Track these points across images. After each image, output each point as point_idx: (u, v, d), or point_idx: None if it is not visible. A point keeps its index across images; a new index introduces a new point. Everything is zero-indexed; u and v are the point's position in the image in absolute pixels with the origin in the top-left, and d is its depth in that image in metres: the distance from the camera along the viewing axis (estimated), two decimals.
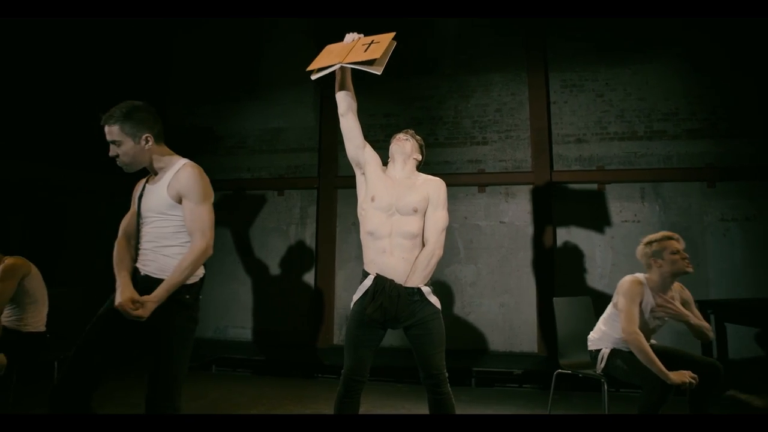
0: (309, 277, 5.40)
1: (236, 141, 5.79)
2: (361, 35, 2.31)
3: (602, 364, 2.57)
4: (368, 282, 2.21)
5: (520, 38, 5.25)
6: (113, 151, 1.97)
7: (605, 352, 2.56)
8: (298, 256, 5.48)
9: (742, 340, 4.36)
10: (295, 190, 5.58)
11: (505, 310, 4.98)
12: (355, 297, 2.25)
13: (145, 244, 1.99)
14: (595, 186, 4.95)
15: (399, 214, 2.24)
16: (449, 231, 5.17)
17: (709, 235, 4.66)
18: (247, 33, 5.90)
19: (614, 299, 2.62)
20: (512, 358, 4.73)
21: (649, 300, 2.55)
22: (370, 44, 2.23)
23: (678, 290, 2.64)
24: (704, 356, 2.81)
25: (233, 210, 5.61)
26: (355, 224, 5.34)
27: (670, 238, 2.54)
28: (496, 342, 4.96)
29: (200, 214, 1.95)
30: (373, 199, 2.27)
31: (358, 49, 2.23)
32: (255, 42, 5.89)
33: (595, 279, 4.84)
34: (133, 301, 1.79)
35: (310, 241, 5.47)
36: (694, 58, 4.86)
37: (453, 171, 5.17)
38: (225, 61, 5.91)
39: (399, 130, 2.49)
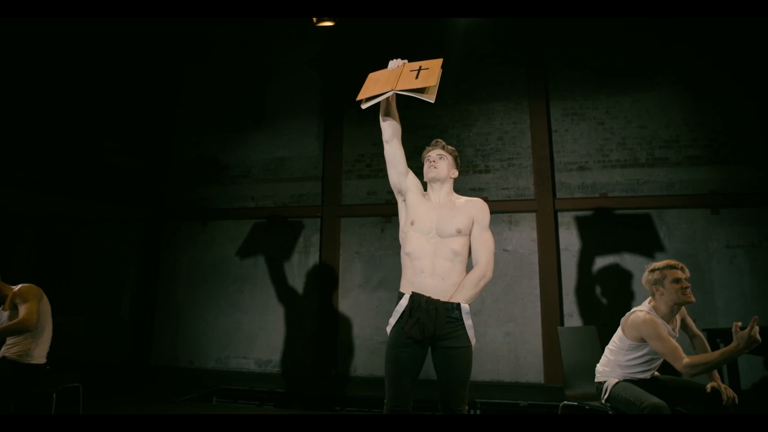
0: (312, 306, 5.35)
1: (241, 170, 5.84)
2: (406, 60, 2.25)
3: (606, 395, 2.51)
4: (404, 302, 2.16)
5: (522, 68, 5.33)
6: None
7: (610, 382, 2.51)
8: (301, 285, 5.45)
9: (753, 370, 4.26)
10: (299, 219, 5.60)
11: (510, 339, 4.91)
12: (392, 321, 2.20)
13: None
14: (598, 213, 4.94)
15: (439, 237, 2.22)
16: None
17: (716, 262, 4.61)
18: (253, 65, 6.03)
19: (622, 332, 2.57)
20: (519, 389, 4.63)
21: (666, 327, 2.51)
22: (419, 70, 2.14)
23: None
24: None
25: (236, 238, 5.62)
26: (358, 253, 5.36)
27: (673, 267, 2.49)
28: (502, 372, 4.87)
29: None
30: (413, 223, 2.27)
31: (407, 76, 2.13)
32: (260, 74, 6.01)
33: (601, 307, 4.77)
34: None
35: (313, 269, 5.45)
36: (694, 85, 4.92)
37: None
38: (231, 92, 6.03)
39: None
